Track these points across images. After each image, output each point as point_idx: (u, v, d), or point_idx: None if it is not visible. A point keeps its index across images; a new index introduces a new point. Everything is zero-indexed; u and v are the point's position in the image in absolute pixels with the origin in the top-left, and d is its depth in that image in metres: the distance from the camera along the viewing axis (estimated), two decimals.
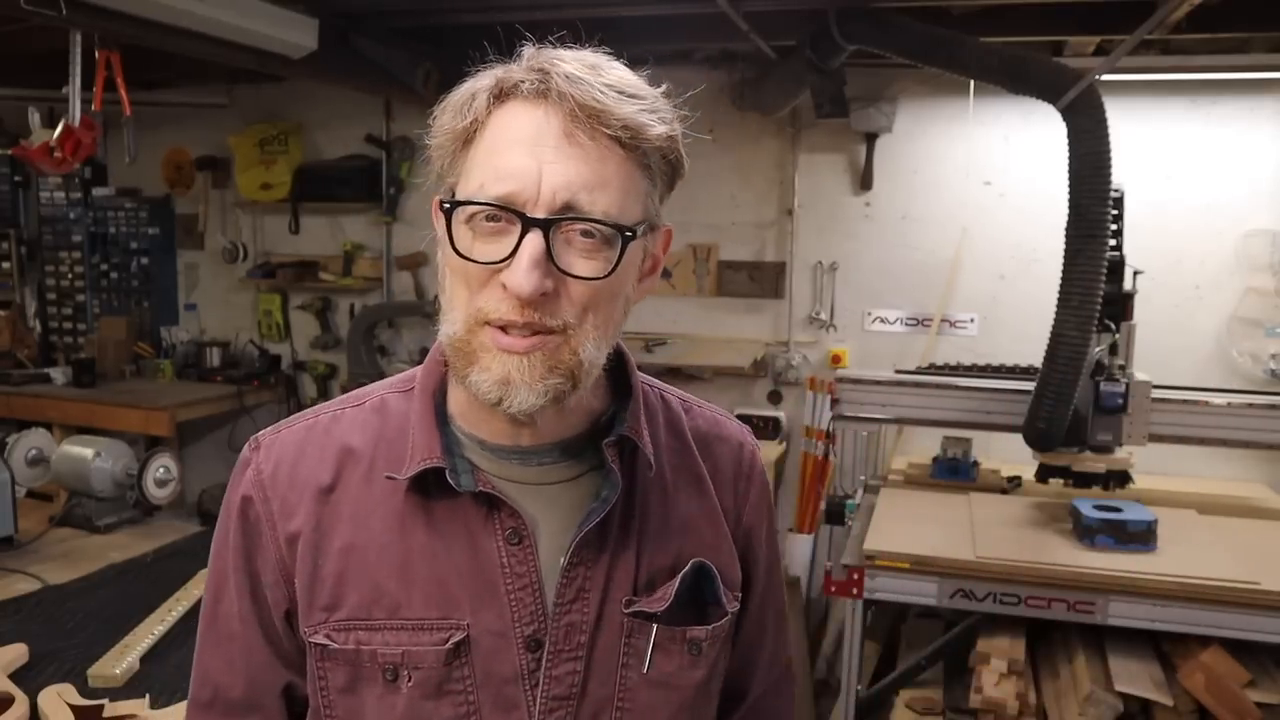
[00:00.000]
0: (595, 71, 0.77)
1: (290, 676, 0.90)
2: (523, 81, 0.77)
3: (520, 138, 0.76)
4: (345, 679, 0.85)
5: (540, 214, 0.74)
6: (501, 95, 0.78)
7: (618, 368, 0.92)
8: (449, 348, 0.80)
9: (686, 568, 0.89)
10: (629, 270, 0.81)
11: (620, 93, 0.76)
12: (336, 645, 0.85)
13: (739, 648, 0.99)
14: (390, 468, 0.86)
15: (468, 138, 0.79)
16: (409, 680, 0.83)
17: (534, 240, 0.74)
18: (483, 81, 0.79)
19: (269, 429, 0.93)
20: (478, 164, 0.78)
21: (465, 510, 0.85)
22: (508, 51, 0.82)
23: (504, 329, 0.77)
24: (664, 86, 0.81)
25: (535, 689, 0.84)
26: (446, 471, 0.83)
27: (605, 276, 0.77)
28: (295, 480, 0.88)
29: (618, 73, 0.79)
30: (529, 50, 0.79)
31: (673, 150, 0.81)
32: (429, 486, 0.85)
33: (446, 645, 0.83)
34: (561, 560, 0.85)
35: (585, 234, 0.76)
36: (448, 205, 0.78)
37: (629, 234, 0.77)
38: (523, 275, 0.74)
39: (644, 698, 0.88)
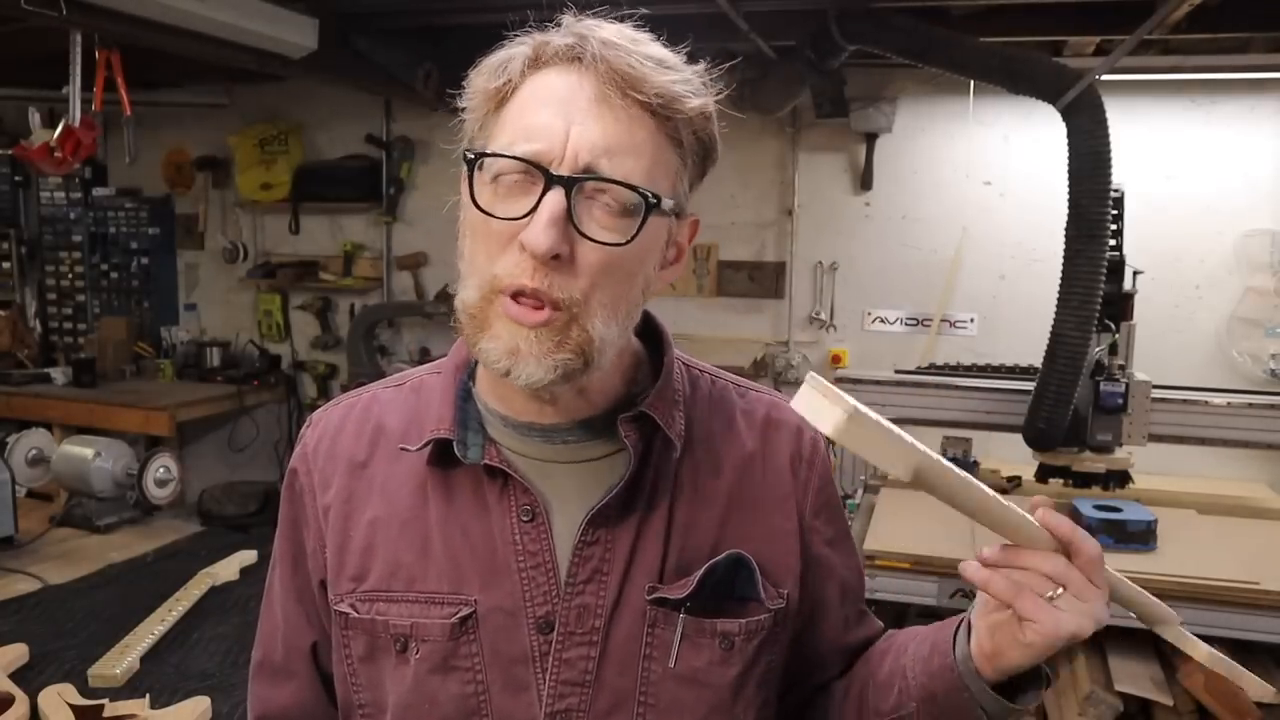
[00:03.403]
0: (633, 41, 0.76)
1: (314, 636, 0.94)
2: (560, 46, 0.76)
3: (552, 99, 0.75)
4: (364, 648, 0.87)
5: (564, 172, 0.73)
6: (537, 60, 0.77)
7: (657, 349, 0.91)
8: (463, 314, 0.79)
9: (720, 557, 0.84)
10: (649, 248, 0.79)
11: (657, 63, 0.76)
12: (357, 614, 0.86)
13: (824, 640, 0.95)
14: (415, 441, 0.87)
15: (500, 99, 0.78)
16: (417, 653, 0.84)
17: (554, 197, 0.73)
18: (519, 46, 0.78)
19: (323, 407, 0.97)
20: (508, 124, 0.77)
21: (482, 486, 0.84)
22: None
23: (515, 297, 0.75)
24: (702, 64, 0.79)
25: (545, 672, 0.82)
26: (454, 443, 0.83)
27: (622, 244, 0.75)
28: (333, 454, 0.91)
29: (655, 46, 0.78)
30: (567, 18, 0.78)
31: (706, 129, 0.79)
32: (449, 461, 0.85)
33: (452, 620, 0.83)
34: (575, 537, 0.83)
35: (608, 202, 0.75)
36: (471, 156, 0.77)
37: (652, 201, 0.75)
38: (540, 230, 0.72)
39: (670, 693, 0.83)
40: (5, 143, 4.35)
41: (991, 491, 0.74)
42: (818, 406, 0.67)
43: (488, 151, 0.76)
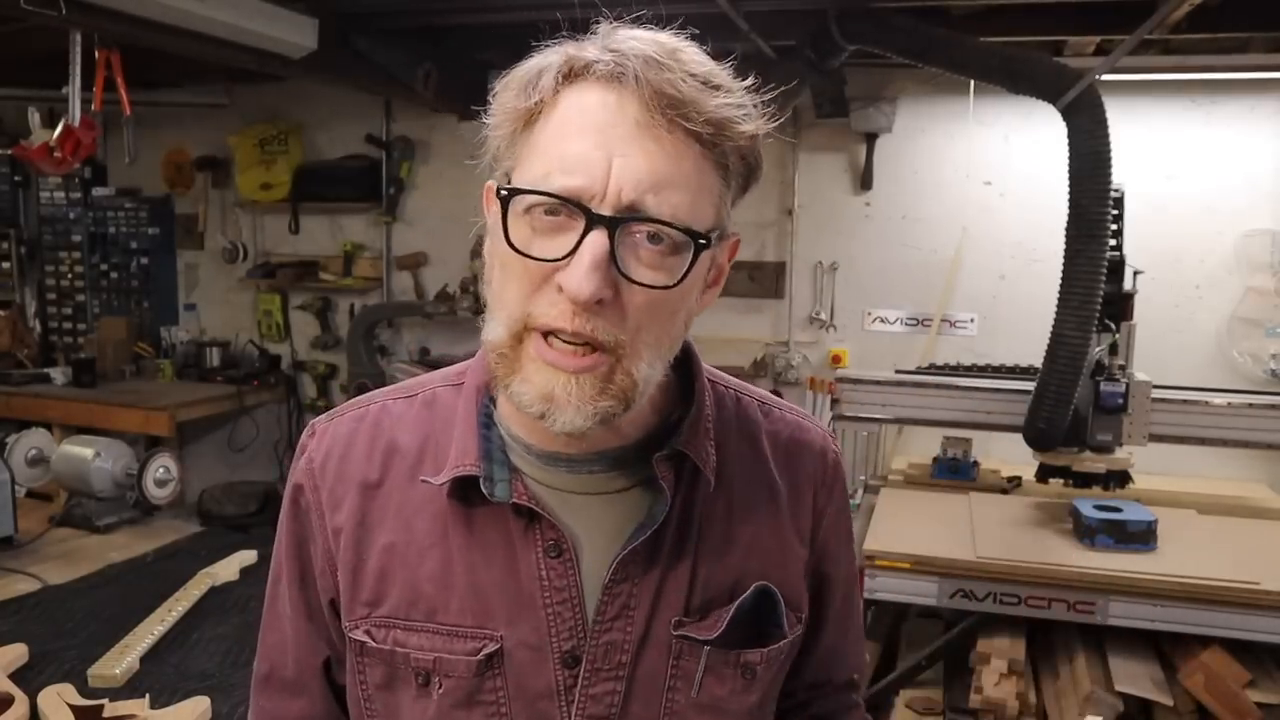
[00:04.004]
0: (676, 57, 0.70)
1: (327, 653, 0.91)
2: (596, 61, 0.69)
3: (590, 124, 0.69)
4: (382, 677, 0.84)
5: (606, 211, 0.68)
6: (571, 75, 0.71)
7: (685, 372, 0.87)
8: (491, 353, 0.75)
9: (746, 593, 0.83)
10: (694, 281, 0.74)
11: (704, 83, 0.70)
12: (374, 644, 0.83)
13: (818, 656, 0.97)
14: (434, 467, 0.83)
15: (530, 118, 0.72)
16: (440, 688, 0.81)
17: (597, 239, 0.68)
18: (551, 58, 0.72)
19: (325, 415, 0.92)
20: (541, 149, 0.71)
21: (505, 518, 0.81)
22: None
23: (547, 336, 0.71)
24: (750, 79, 0.73)
25: (571, 706, 0.80)
26: (481, 480, 0.80)
27: (671, 286, 0.71)
28: (343, 473, 0.86)
29: (699, 60, 0.71)
30: (603, 27, 0.73)
31: (753, 151, 0.75)
32: (469, 490, 0.81)
33: (478, 656, 0.80)
34: (605, 576, 0.80)
35: (653, 238, 0.69)
36: (504, 192, 0.71)
37: (702, 241, 0.71)
38: (582, 276, 0.67)
39: None
40: (5, 143, 4.34)
41: None
42: None
43: (520, 189, 0.71)
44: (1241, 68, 3.40)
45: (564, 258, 0.69)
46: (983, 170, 3.83)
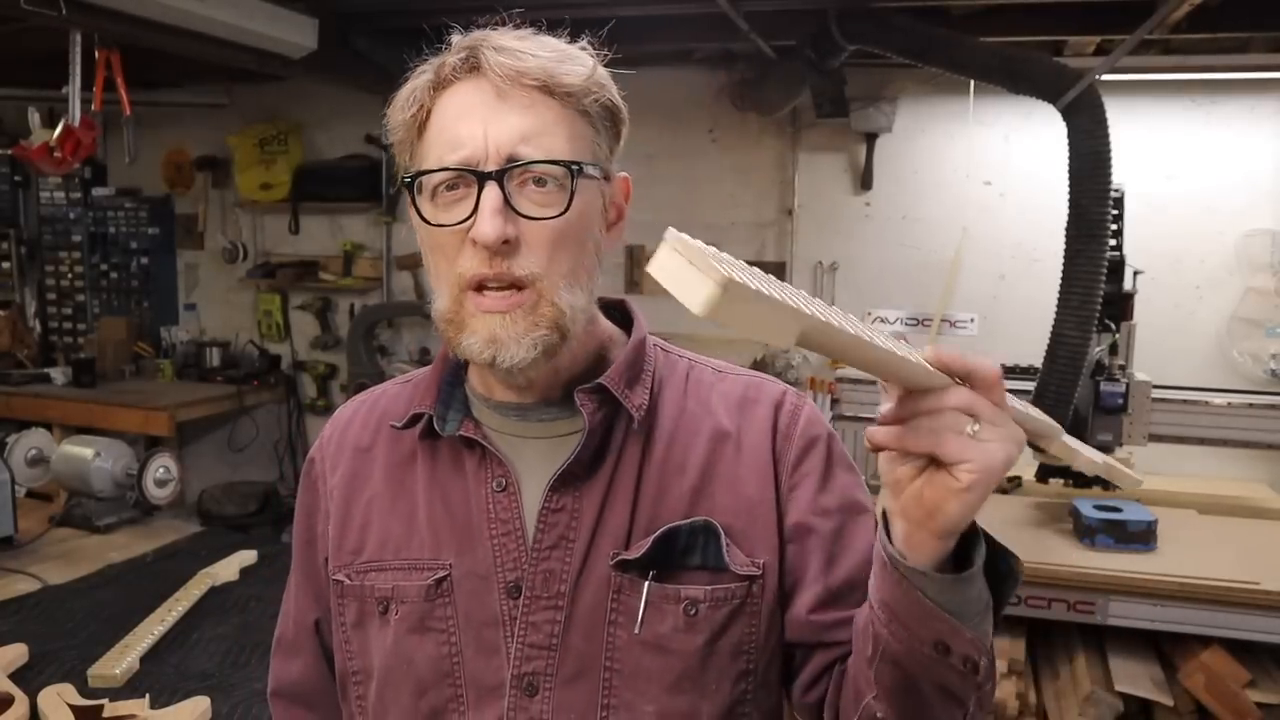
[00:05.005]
0: (519, 39, 0.83)
1: (319, 613, 1.01)
2: (456, 63, 0.83)
3: (463, 110, 0.82)
4: (355, 614, 0.93)
5: (492, 168, 0.80)
6: (440, 81, 0.84)
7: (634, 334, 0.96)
8: (441, 323, 0.85)
9: (683, 522, 0.86)
10: (588, 213, 0.85)
11: (539, 49, 0.82)
12: (350, 582, 0.93)
13: (801, 614, 0.89)
14: (402, 421, 0.94)
15: (419, 126, 0.85)
16: (396, 613, 0.90)
17: (491, 191, 0.79)
18: (422, 75, 0.86)
19: (342, 405, 1.06)
20: (432, 144, 0.84)
21: (462, 460, 0.91)
22: None
23: (481, 289, 0.81)
24: (582, 40, 0.86)
25: (514, 636, 0.86)
26: (434, 418, 0.90)
27: (561, 214, 0.81)
28: (343, 443, 1.00)
29: (539, 38, 0.84)
30: (457, 37, 0.85)
31: (604, 94, 0.85)
32: (435, 436, 0.92)
33: (428, 582, 0.89)
34: (539, 504, 0.87)
35: (537, 181, 0.81)
36: (408, 179, 0.84)
37: (575, 167, 0.81)
38: (486, 223, 0.79)
39: (635, 660, 0.85)
40: (5, 143, 4.34)
41: (885, 342, 0.65)
42: (683, 278, 0.56)
43: (420, 171, 0.83)
44: (1241, 68, 3.41)
45: (470, 216, 0.81)
46: (983, 170, 3.83)
